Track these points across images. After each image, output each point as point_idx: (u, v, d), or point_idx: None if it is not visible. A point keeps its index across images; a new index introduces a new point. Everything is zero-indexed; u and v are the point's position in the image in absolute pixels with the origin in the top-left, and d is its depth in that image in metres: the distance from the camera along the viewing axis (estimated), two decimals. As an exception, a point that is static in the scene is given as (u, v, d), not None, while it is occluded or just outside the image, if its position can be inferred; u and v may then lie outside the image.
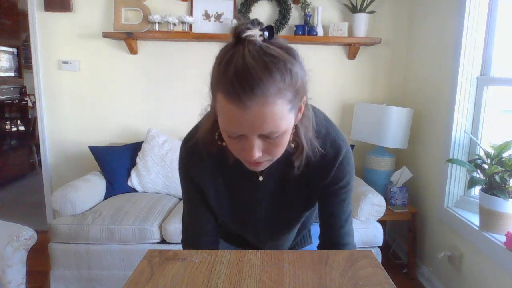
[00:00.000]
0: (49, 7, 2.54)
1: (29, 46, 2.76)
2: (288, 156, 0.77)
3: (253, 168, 0.72)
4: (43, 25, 2.59)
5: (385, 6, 2.60)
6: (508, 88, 1.84)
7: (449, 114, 2.02)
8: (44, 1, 2.54)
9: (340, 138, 0.82)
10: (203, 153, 0.82)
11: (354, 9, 2.50)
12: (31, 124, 4.64)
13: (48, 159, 2.74)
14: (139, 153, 2.45)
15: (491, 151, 1.65)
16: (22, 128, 4.69)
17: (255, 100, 0.58)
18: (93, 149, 2.45)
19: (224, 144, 0.73)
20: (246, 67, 0.57)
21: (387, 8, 2.61)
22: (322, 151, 0.78)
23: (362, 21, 2.49)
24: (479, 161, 1.71)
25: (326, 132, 0.80)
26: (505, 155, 1.61)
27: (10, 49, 4.51)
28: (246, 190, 0.87)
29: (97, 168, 2.49)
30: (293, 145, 0.75)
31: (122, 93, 2.68)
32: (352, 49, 2.60)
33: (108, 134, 2.71)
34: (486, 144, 1.77)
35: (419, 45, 2.47)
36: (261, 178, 0.84)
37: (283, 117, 0.62)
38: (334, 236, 0.89)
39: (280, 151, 0.69)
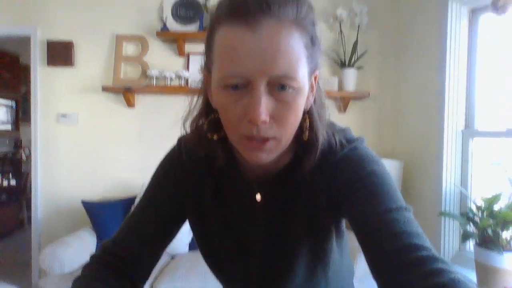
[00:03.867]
0: (52, 61, 2.63)
1: (28, 99, 2.81)
2: (294, 164, 0.62)
3: (255, 153, 0.53)
4: (44, 79, 2.66)
5: (372, 61, 2.70)
6: (494, 140, 1.89)
7: (438, 167, 2.05)
8: (47, 56, 2.63)
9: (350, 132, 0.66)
10: (194, 157, 0.66)
11: (342, 65, 2.61)
12: (23, 178, 4.56)
13: (38, 213, 2.68)
14: (132, 208, 2.41)
15: (482, 204, 1.66)
16: (13, 182, 4.58)
17: (270, 18, 0.47)
18: (86, 205, 2.42)
19: (215, 136, 0.59)
20: None
21: (373, 64, 2.71)
22: (341, 143, 0.61)
23: (351, 75, 2.58)
24: (470, 214, 1.72)
25: (339, 128, 0.67)
26: (495, 207, 1.62)
27: (8, 102, 4.57)
28: (239, 214, 0.66)
29: (89, 223, 2.44)
30: (306, 134, 0.58)
31: (118, 146, 2.70)
32: (342, 102, 2.67)
33: (101, 188, 2.68)
34: (477, 195, 1.79)
35: (406, 99, 2.55)
36: (258, 197, 0.64)
37: (299, 60, 0.49)
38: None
39: (291, 124, 0.52)
